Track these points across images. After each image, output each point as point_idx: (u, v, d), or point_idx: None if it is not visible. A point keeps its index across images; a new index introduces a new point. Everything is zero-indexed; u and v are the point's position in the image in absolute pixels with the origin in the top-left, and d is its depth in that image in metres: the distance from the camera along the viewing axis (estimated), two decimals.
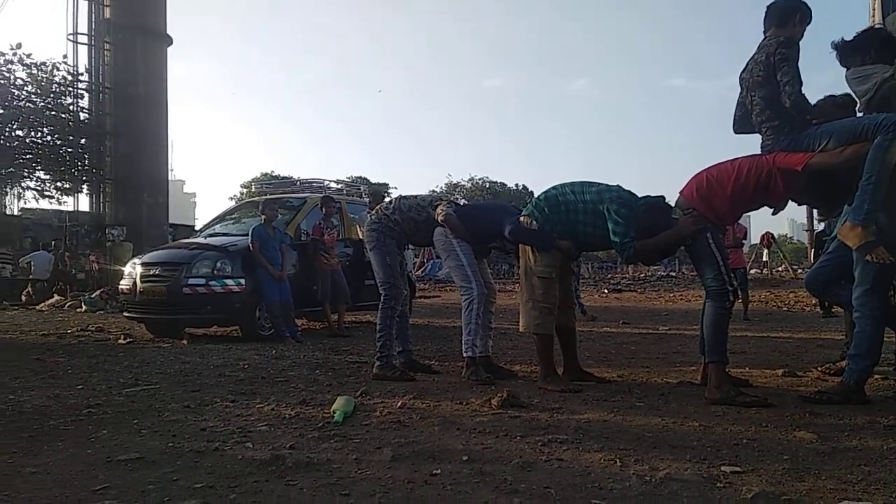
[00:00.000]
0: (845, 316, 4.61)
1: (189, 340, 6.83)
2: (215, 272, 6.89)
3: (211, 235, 8.17)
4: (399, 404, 3.49)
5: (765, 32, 3.79)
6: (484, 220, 4.56)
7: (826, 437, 2.79)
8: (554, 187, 4.18)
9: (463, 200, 6.83)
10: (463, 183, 50.23)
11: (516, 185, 51.79)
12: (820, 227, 8.89)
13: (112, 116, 18.01)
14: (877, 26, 4.21)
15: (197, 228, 12.06)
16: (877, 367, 3.71)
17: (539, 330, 4.07)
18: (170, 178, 20.03)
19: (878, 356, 3.59)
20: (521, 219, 4.18)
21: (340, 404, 3.30)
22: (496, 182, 51.23)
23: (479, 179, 50.80)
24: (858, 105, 3.83)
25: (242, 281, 6.91)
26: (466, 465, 2.44)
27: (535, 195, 4.37)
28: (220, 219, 8.89)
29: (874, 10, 4.92)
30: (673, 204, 3.98)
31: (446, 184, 49.47)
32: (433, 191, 43.84)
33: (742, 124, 4.02)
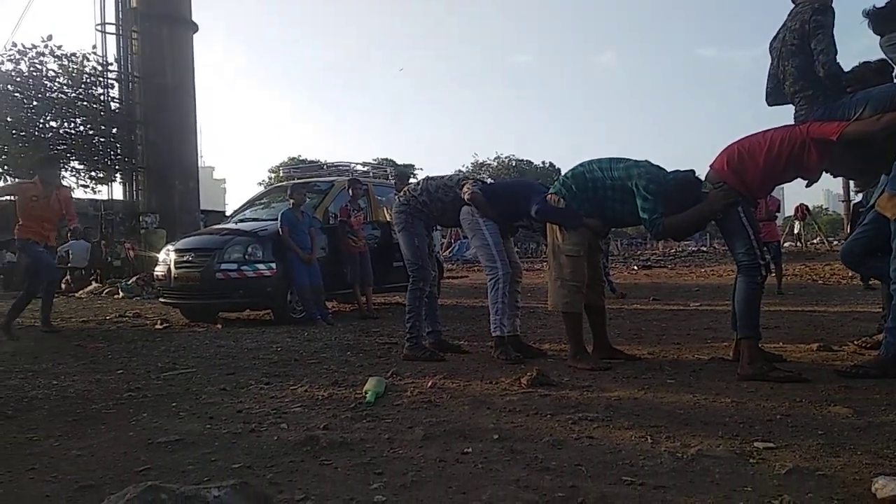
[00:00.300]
0: (882, 288, 4.50)
1: (223, 325, 6.98)
2: (247, 257, 7.00)
3: (241, 221, 8.29)
4: (429, 384, 3.52)
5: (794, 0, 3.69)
6: (510, 198, 4.54)
7: (861, 412, 2.75)
8: (581, 164, 4.14)
9: (489, 179, 6.80)
10: (489, 162, 50.00)
11: (543, 162, 51.47)
12: (857, 198, 8.67)
13: (141, 105, 18.24)
14: None
15: (227, 214, 12.22)
16: None
17: (568, 308, 4.06)
18: (200, 164, 20.30)
19: None
20: (549, 197, 4.15)
21: (372, 385, 3.35)
22: (522, 160, 50.91)
23: (506, 158, 50.54)
24: (895, 71, 3.72)
25: (273, 265, 7.01)
26: (497, 443, 2.46)
27: (563, 172, 4.33)
28: (250, 204, 9.01)
29: None
30: (703, 178, 3.91)
31: (472, 163, 49.35)
32: (459, 170, 43.72)
33: (775, 96, 3.93)
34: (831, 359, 4.07)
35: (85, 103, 18.24)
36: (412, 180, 6.79)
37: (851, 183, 9.47)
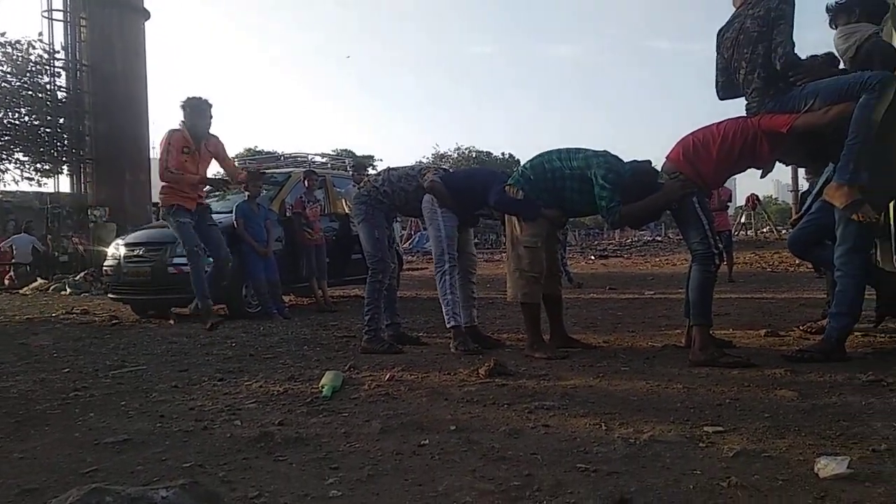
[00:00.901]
0: (827, 275, 4.67)
1: (176, 320, 6.81)
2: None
3: None
4: (387, 377, 3.51)
5: None
6: (471, 186, 4.54)
7: (806, 395, 2.84)
8: (540, 154, 4.17)
9: (450, 169, 6.79)
10: (449, 153, 49.99)
11: (502, 153, 51.63)
12: (805, 187, 8.95)
13: (90, 95, 17.63)
14: None
15: None
16: (857, 324, 3.77)
17: (526, 299, 4.10)
18: (152, 156, 19.72)
19: (859, 314, 3.64)
20: (507, 188, 4.16)
21: (329, 379, 3.32)
22: (482, 151, 51.03)
23: (466, 149, 50.57)
24: (842, 64, 3.82)
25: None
26: (454, 434, 2.47)
27: (522, 163, 4.35)
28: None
29: None
30: (659, 168, 3.98)
31: (433, 154, 49.18)
32: (420, 161, 43.63)
33: (727, 89, 3.95)
34: (778, 344, 4.20)
35: (30, 93, 17.56)
36: (371, 171, 6.74)
37: (801, 172, 9.74)
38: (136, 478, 2.10)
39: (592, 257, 19.28)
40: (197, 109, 6.00)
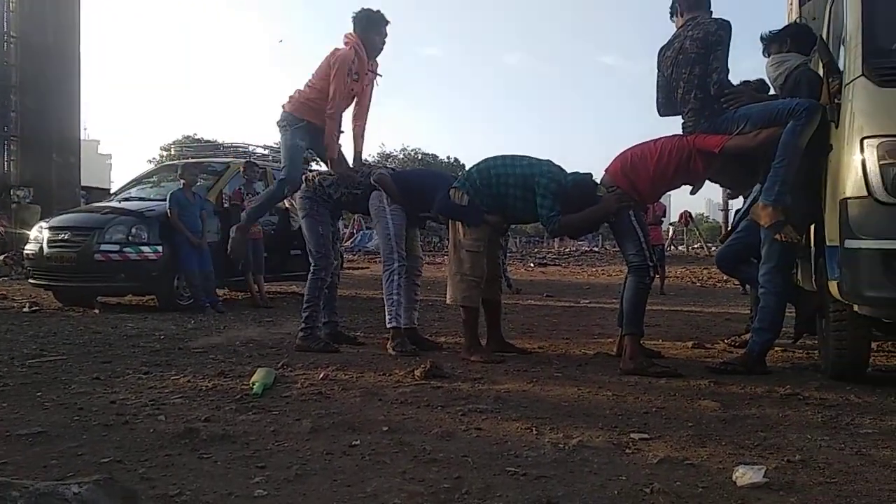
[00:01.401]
0: (751, 292, 4.88)
1: (101, 310, 6.53)
2: (130, 238, 6.58)
3: (126, 199, 7.78)
4: (321, 376, 3.45)
5: (682, 14, 3.87)
6: (420, 186, 4.53)
7: (728, 406, 2.95)
8: (485, 160, 4.21)
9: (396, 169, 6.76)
10: (395, 153, 49.86)
11: (448, 157, 51.90)
12: (737, 205, 9.35)
13: (17, 68, 16.72)
14: (797, 22, 4.37)
15: (112, 192, 11.47)
16: (777, 340, 3.96)
17: (466, 303, 4.12)
18: (83, 137, 18.87)
19: (780, 330, 3.82)
20: (452, 192, 4.17)
21: (260, 376, 3.24)
22: (428, 154, 51.15)
23: (412, 150, 50.59)
24: (772, 90, 4.00)
25: (160, 248, 6.63)
26: (386, 435, 2.45)
27: (467, 168, 4.37)
28: (137, 182, 8.47)
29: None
30: (599, 181, 4.07)
31: (379, 153, 48.93)
32: (365, 160, 43.35)
33: (666, 107, 4.07)
34: (704, 356, 4.36)
35: None
36: (314, 166, 6.64)
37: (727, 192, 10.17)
38: (48, 472, 2.00)
39: (532, 265, 19.58)
40: (372, 21, 4.63)
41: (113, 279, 6.54)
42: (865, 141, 2.89)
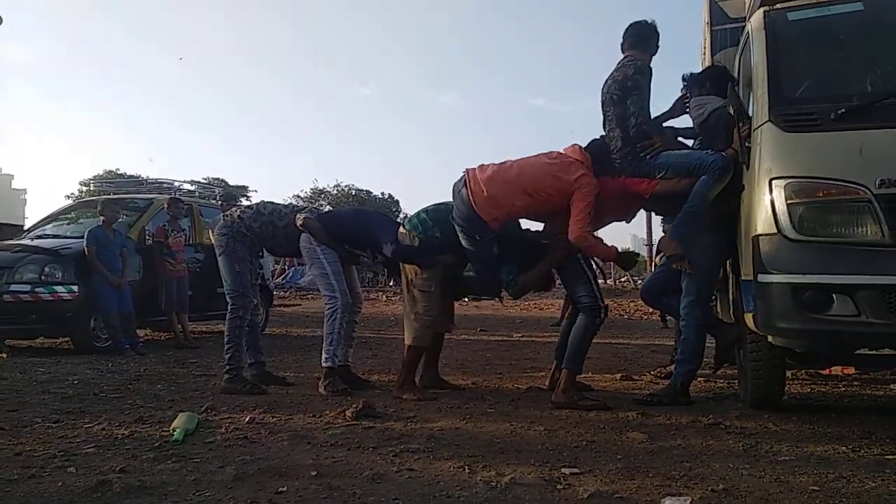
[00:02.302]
0: (675, 324, 5.04)
1: (9, 354, 6.10)
2: (43, 277, 6.21)
3: (40, 237, 7.37)
4: (247, 419, 3.33)
5: (623, 51, 4.03)
6: (350, 226, 4.49)
7: (655, 437, 3.02)
8: (436, 204, 4.21)
9: (328, 207, 6.70)
10: (328, 189, 49.45)
11: (382, 193, 51.79)
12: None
13: None
14: (716, 64, 4.63)
15: (26, 228, 10.86)
16: (700, 370, 4.10)
17: (415, 343, 4.09)
18: None
19: (701, 361, 3.96)
20: (402, 232, 4.15)
21: (181, 421, 3.09)
22: (362, 190, 50.91)
23: (346, 186, 50.23)
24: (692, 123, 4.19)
25: (75, 288, 6.28)
26: (315, 480, 2.37)
27: (401, 204, 4.38)
28: (53, 218, 8.06)
29: (705, 49, 5.43)
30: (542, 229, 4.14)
31: (312, 189, 48.35)
32: (297, 195, 42.94)
33: None
34: (631, 388, 4.46)
35: None
36: (243, 202, 6.50)
37: (655, 223, 10.48)
38: None
39: (466, 299, 19.65)
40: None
41: (23, 321, 6.14)
42: (773, 182, 3.06)
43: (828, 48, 3.49)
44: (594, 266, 4.13)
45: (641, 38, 3.97)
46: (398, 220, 4.85)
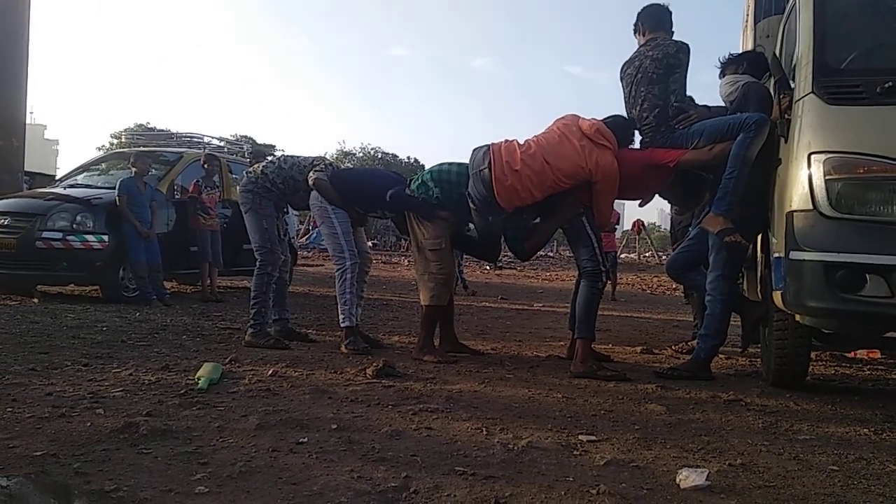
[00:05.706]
0: (696, 300, 4.99)
1: (41, 299, 6.28)
2: (74, 226, 6.34)
3: (72, 186, 7.50)
4: (270, 372, 3.39)
5: (643, 33, 3.95)
6: (361, 186, 4.49)
7: (673, 410, 3.01)
8: (439, 165, 4.20)
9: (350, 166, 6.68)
10: (355, 151, 49.43)
11: (408, 157, 51.65)
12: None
13: None
14: (756, 50, 4.50)
15: (58, 178, 11.03)
16: (723, 347, 4.06)
17: (433, 301, 4.11)
18: (29, 121, 18.10)
19: (725, 337, 3.92)
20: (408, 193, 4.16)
21: (206, 371, 3.16)
22: (388, 153, 50.81)
23: (372, 149, 50.18)
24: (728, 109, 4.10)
25: (105, 237, 6.41)
26: (335, 433, 2.41)
27: (425, 170, 4.35)
28: (84, 169, 8.18)
29: (748, 16, 5.27)
30: None
31: (338, 150, 48.45)
32: (322, 156, 42.88)
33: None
34: (652, 361, 4.44)
35: None
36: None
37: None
38: None
39: (488, 268, 19.66)
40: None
41: (54, 268, 6.29)
42: (812, 156, 2.98)
43: (878, 18, 3.35)
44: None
45: (663, 20, 3.96)
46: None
